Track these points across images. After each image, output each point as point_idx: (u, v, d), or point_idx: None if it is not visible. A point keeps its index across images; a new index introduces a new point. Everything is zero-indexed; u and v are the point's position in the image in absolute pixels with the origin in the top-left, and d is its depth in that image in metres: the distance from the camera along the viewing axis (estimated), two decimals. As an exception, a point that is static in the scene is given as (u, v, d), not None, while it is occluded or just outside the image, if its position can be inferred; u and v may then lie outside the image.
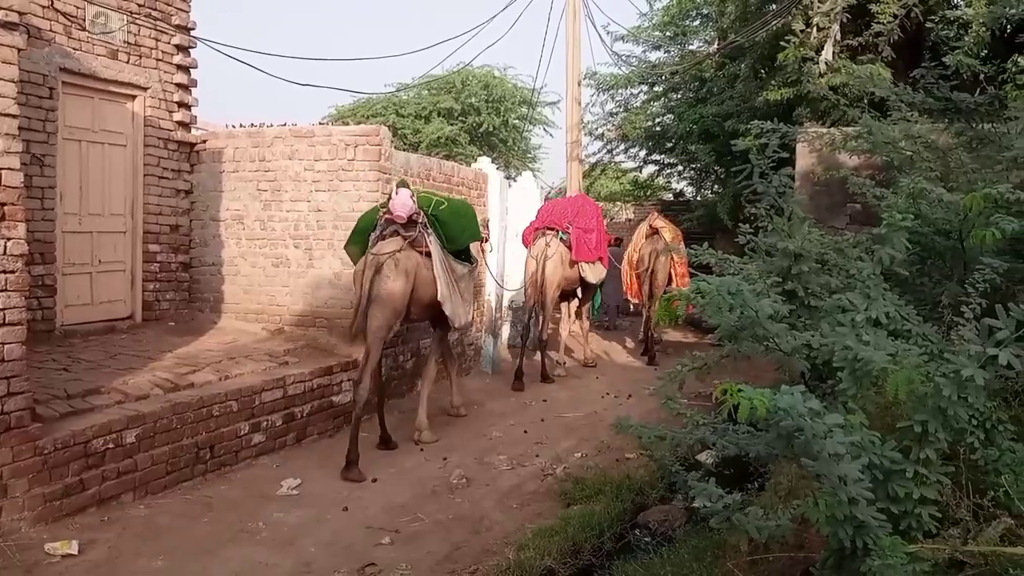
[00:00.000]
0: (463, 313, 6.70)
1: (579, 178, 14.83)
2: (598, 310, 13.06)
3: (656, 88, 14.92)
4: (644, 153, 15.60)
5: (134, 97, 7.29)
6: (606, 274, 10.17)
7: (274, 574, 4.16)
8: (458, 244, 6.65)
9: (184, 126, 7.79)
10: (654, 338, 11.18)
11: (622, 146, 15.49)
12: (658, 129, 14.76)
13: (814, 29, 9.17)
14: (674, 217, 13.17)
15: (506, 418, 7.59)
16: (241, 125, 8.50)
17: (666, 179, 17.51)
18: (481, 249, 7.69)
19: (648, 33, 15.13)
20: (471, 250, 7.05)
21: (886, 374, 2.65)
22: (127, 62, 7.10)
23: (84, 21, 6.67)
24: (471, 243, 6.94)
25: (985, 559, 2.57)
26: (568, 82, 14.50)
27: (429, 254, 6.27)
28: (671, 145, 14.50)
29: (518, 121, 18.14)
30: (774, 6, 10.65)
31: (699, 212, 14.15)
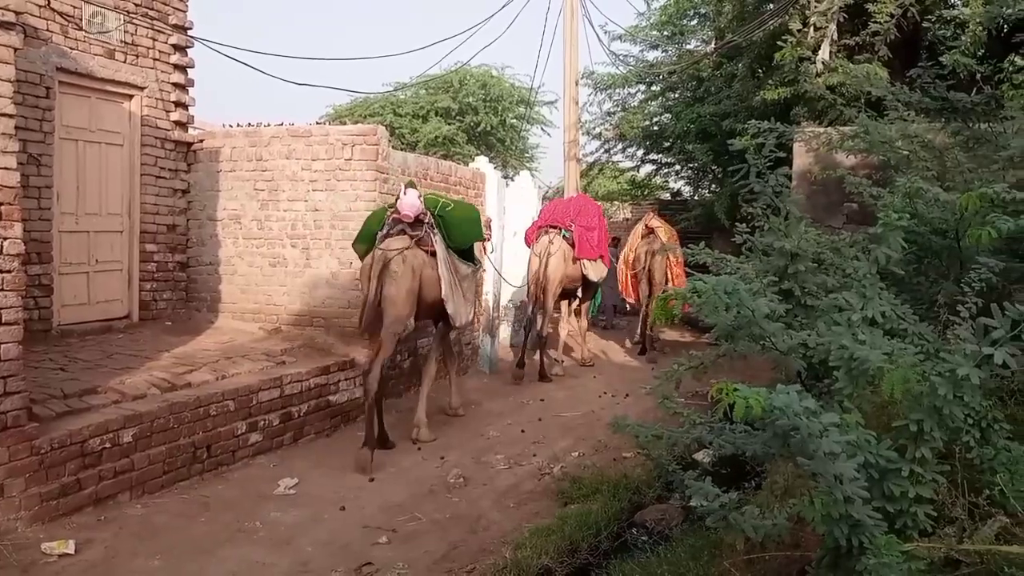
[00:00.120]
0: (465, 312, 6.80)
1: (577, 177, 14.82)
2: (598, 309, 13.09)
3: (653, 88, 14.90)
4: (641, 152, 15.59)
5: (131, 97, 7.28)
6: (606, 273, 10.23)
7: (271, 574, 4.16)
8: (462, 245, 6.76)
9: (181, 126, 7.78)
10: (653, 336, 11.24)
11: (619, 145, 15.47)
12: (655, 128, 14.75)
13: (811, 29, 9.18)
14: (671, 217, 13.17)
15: (503, 417, 7.59)
16: (238, 125, 8.50)
17: (663, 179, 17.53)
18: (483, 248, 7.73)
19: (646, 32, 15.14)
20: (474, 250, 7.15)
21: (882, 373, 2.65)
22: (124, 62, 7.09)
23: (81, 20, 6.67)
24: (474, 243, 7.03)
25: (981, 558, 2.57)
26: (566, 81, 14.50)
27: (434, 253, 6.40)
28: (668, 144, 14.51)
29: (516, 120, 18.14)
30: (771, 6, 10.66)
31: (696, 211, 14.14)
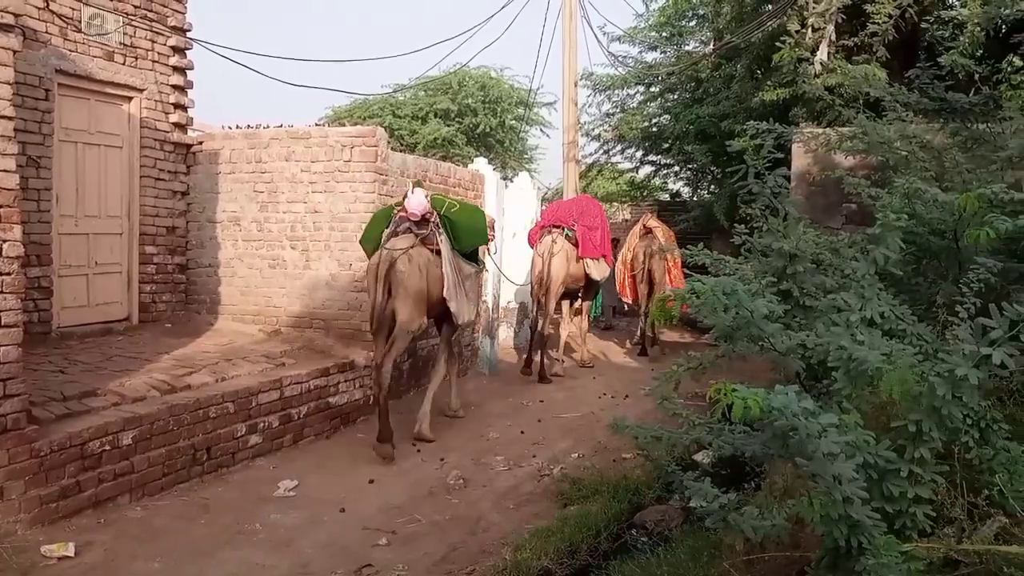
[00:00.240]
0: (467, 311, 6.89)
1: (576, 179, 14.81)
2: (599, 308, 13.11)
3: (652, 89, 14.90)
4: (640, 154, 15.58)
5: (130, 99, 7.29)
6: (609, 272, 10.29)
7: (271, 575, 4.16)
8: (466, 246, 6.85)
9: (180, 128, 7.79)
10: (654, 336, 11.28)
11: (619, 147, 15.46)
12: (654, 130, 14.74)
13: (809, 29, 9.19)
14: (670, 218, 13.18)
15: (503, 419, 7.59)
16: (237, 126, 8.48)
17: (662, 180, 17.51)
18: (486, 249, 7.77)
19: (644, 34, 15.13)
20: (478, 252, 7.24)
21: (881, 374, 2.65)
22: (123, 64, 7.10)
23: (80, 23, 6.67)
24: (478, 246, 7.13)
25: (980, 558, 2.57)
26: (565, 83, 14.49)
27: (439, 252, 6.49)
28: (667, 146, 14.50)
29: (515, 122, 18.12)
30: (770, 7, 10.66)
31: (695, 212, 14.13)
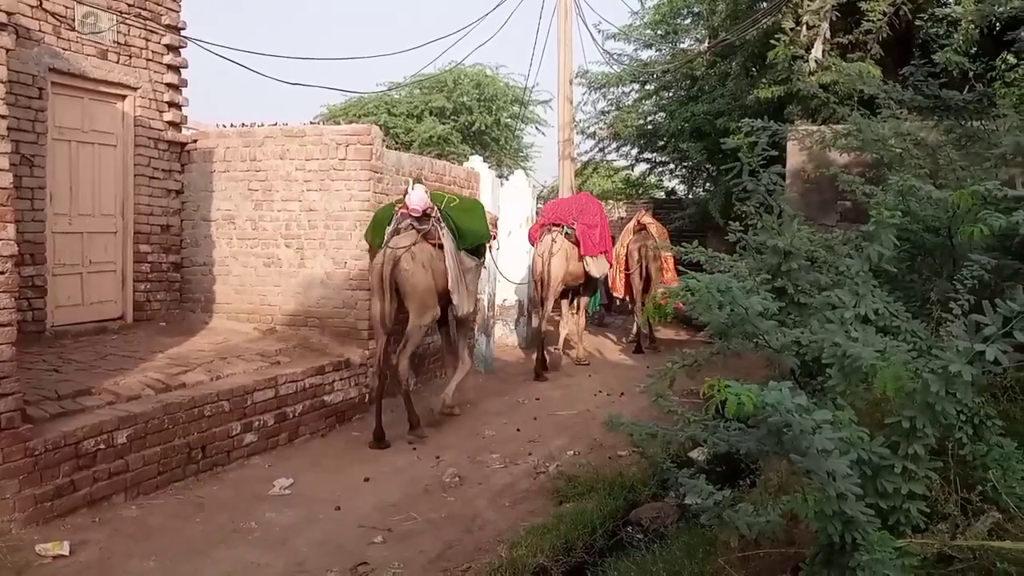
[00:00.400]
0: (468, 304, 7.08)
1: (571, 177, 14.83)
2: (598, 305, 13.12)
3: (648, 86, 14.93)
4: (636, 151, 15.62)
5: (124, 97, 7.26)
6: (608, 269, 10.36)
7: (266, 574, 4.16)
8: (466, 240, 6.97)
9: (175, 126, 7.76)
10: (650, 333, 11.29)
11: (614, 144, 15.49)
12: (650, 127, 14.77)
13: (804, 27, 9.20)
14: (665, 215, 13.20)
15: (499, 416, 7.59)
16: (232, 125, 8.46)
17: (658, 177, 17.54)
18: (488, 246, 7.79)
19: (639, 32, 15.14)
20: (483, 247, 7.41)
21: (874, 370, 2.66)
22: (117, 62, 7.08)
23: (73, 21, 6.64)
24: (480, 242, 7.26)
25: (973, 553, 2.59)
26: (560, 81, 14.50)
27: (441, 246, 6.64)
28: (663, 143, 14.54)
29: (510, 120, 18.13)
30: (764, 4, 10.67)
31: (691, 210, 14.17)
